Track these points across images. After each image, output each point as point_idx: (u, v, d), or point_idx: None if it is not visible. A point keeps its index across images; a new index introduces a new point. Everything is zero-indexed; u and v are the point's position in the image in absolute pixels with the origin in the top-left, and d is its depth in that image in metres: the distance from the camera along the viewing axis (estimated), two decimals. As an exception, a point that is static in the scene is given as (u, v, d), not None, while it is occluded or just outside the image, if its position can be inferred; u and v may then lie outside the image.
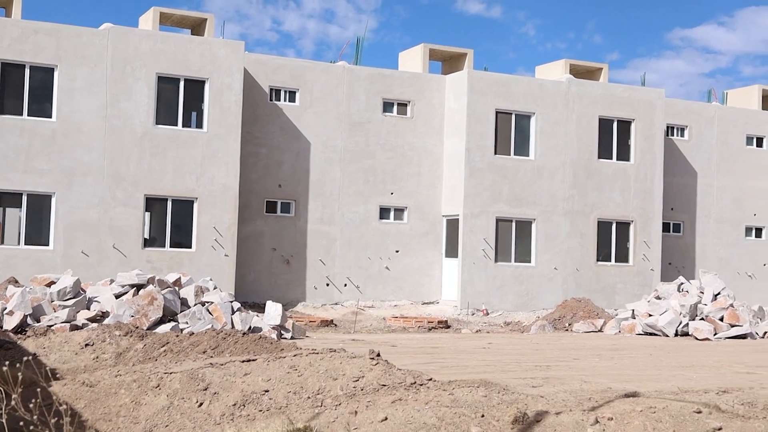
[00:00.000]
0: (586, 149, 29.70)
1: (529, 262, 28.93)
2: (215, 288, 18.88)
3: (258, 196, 26.87)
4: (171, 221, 24.88)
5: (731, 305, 21.48)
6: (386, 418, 9.31)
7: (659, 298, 22.96)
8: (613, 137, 30.24)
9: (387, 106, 28.49)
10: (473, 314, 27.65)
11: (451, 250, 28.56)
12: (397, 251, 28.38)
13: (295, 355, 10.95)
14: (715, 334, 21.12)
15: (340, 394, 10.24)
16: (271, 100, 27.12)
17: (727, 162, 33.50)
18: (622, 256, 30.29)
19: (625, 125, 30.39)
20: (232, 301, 18.31)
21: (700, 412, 9.44)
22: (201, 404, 9.94)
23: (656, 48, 76.91)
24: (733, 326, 21.25)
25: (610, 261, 30.08)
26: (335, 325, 24.88)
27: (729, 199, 33.46)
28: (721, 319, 21.35)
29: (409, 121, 28.73)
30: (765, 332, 21.67)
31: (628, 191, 30.25)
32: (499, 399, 10.30)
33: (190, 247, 24.95)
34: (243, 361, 10.80)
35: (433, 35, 73.66)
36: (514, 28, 75.13)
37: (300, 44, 71.46)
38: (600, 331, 22.95)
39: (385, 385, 10.43)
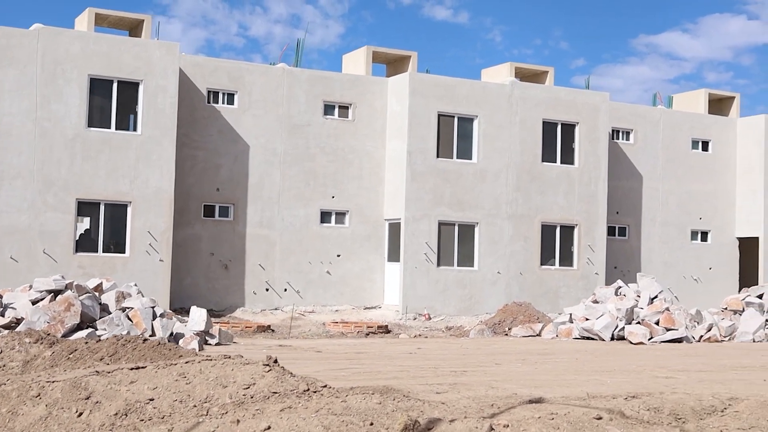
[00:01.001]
0: (529, 152, 29.56)
1: (472, 266, 28.72)
2: (138, 293, 18.45)
3: (195, 200, 26.44)
4: (104, 226, 24.38)
5: (667, 309, 21.36)
6: (269, 427, 8.97)
7: (597, 302, 22.81)
8: (557, 140, 30.14)
9: (328, 109, 28.17)
10: (415, 319, 27.39)
11: (394, 254, 28.29)
12: (338, 255, 28.06)
13: (186, 362, 10.58)
14: (650, 338, 20.98)
15: (228, 402, 9.89)
16: (209, 102, 26.71)
17: (673, 166, 33.52)
18: (567, 260, 30.17)
19: (569, 128, 30.30)
20: (153, 307, 17.88)
21: (600, 418, 9.19)
22: (81, 414, 9.54)
23: (621, 54, 78.81)
24: (668, 330, 21.13)
25: (554, 265, 29.96)
26: (272, 330, 24.53)
27: (674, 203, 33.48)
28: (657, 323, 21.22)
29: (351, 124, 28.43)
30: (701, 336, 21.58)
31: (573, 195, 30.15)
32: (394, 406, 9.99)
33: (123, 252, 24.46)
34: (131, 369, 10.41)
35: (399, 41, 74.23)
36: (480, 34, 76.22)
37: (267, 49, 72.37)
38: (538, 335, 22.76)
39: (276, 393, 10.08)
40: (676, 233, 33.48)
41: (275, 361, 11.00)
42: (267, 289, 27.10)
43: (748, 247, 34.45)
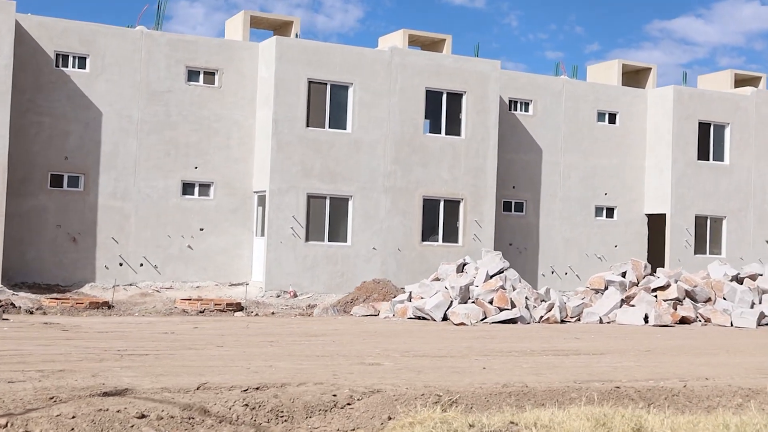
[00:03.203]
0: (411, 122, 28.06)
1: (345, 241, 27.31)
2: None
3: (41, 169, 25.02)
4: (-70, 195, 22.99)
5: (502, 287, 19.93)
6: None
7: (438, 279, 21.37)
8: (442, 110, 28.63)
9: (192, 75, 26.69)
10: (278, 296, 26.02)
11: (262, 229, 26.88)
12: (201, 229, 26.67)
13: None
14: (483, 319, 19.57)
15: None
16: (57, 66, 25.24)
17: (576, 139, 31.99)
18: (451, 236, 28.73)
19: (455, 98, 28.78)
20: None
21: (143, 417, 7.81)
22: None
23: (635, 39, 79.38)
24: (502, 310, 19.72)
25: (438, 241, 28.52)
26: (110, 307, 23.16)
27: (577, 177, 31.97)
28: (492, 302, 19.81)
29: (217, 91, 26.96)
30: (541, 316, 20.14)
31: (458, 168, 28.67)
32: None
33: (-48, 223, 23.10)
34: None
35: (416, 24, 74.51)
36: (497, 19, 77.18)
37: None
38: (377, 315, 21.34)
39: None
40: (578, 209, 31.99)
41: None
42: (121, 264, 25.73)
43: (658, 224, 32.96)
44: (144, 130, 26.01)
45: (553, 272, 31.43)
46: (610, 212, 32.58)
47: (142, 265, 25.96)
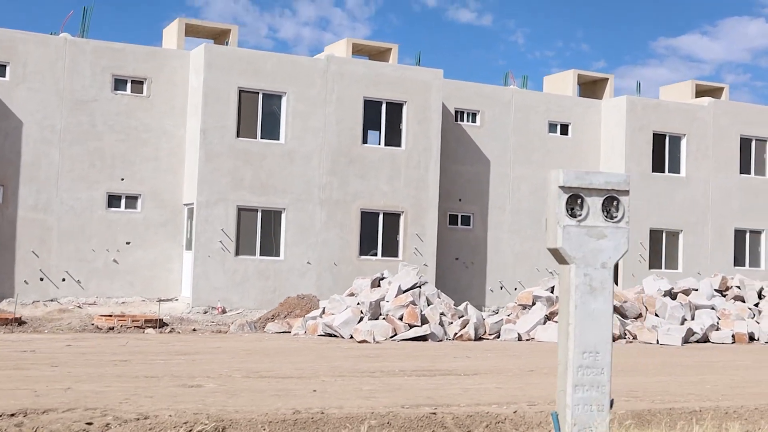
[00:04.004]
0: (348, 133, 27.24)
1: (278, 255, 26.45)
2: None
3: (-43, 181, 24.24)
4: None
5: (412, 303, 19.02)
6: None
7: (353, 295, 20.49)
8: (382, 120, 27.81)
9: (119, 84, 25.93)
10: (206, 312, 25.15)
11: (191, 242, 26.04)
12: (128, 243, 25.83)
13: None
14: (393, 336, 18.67)
15: None
16: (-25, 74, 24.50)
17: (527, 150, 31.12)
18: (391, 250, 27.85)
19: (395, 108, 27.97)
20: None
21: None
22: None
23: (641, 56, 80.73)
24: (412, 326, 18.82)
25: (377, 255, 27.64)
26: (23, 323, 22.30)
27: (528, 189, 31.09)
28: (401, 318, 18.92)
29: (146, 100, 26.18)
30: (455, 333, 19.23)
31: (399, 179, 27.83)
32: None
33: None
34: None
35: (424, 43, 76.23)
36: (503, 36, 78.45)
37: (296, 51, 72.81)
38: (290, 332, 20.44)
39: None
40: (529, 222, 31.09)
41: None
42: (42, 279, 24.90)
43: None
44: (67, 141, 25.23)
45: (502, 287, 30.51)
46: (562, 226, 31.61)
47: (64, 280, 25.12)
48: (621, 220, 7.87)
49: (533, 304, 21.30)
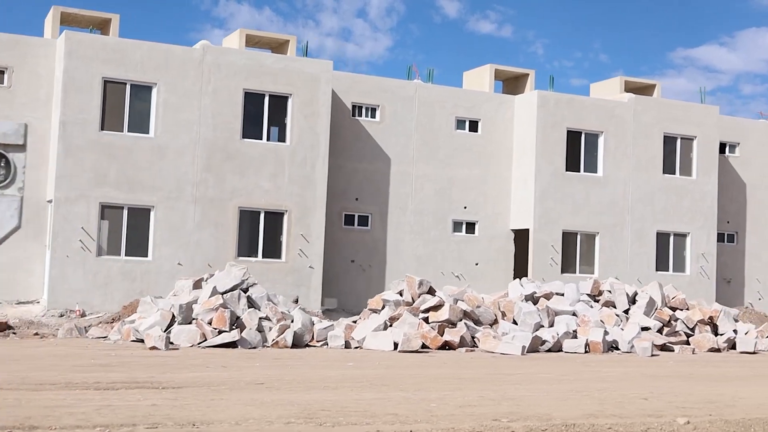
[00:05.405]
0: (226, 127, 25.74)
1: (146, 256, 24.96)
2: None
3: None
4: None
5: (222, 306, 17.46)
6: None
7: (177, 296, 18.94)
8: (264, 114, 26.30)
9: (-23, 73, 24.53)
10: (62, 316, 23.67)
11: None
12: (-15, 242, 24.40)
13: None
14: (201, 342, 17.13)
15: None
16: None
17: (431, 147, 29.53)
18: (273, 252, 26.32)
19: (280, 101, 26.46)
20: None
21: None
22: None
23: (659, 67, 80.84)
24: (221, 332, 17.28)
25: (257, 256, 26.11)
26: None
27: (432, 189, 29.49)
28: (211, 323, 17.38)
29: (7, 91, 24.81)
30: (275, 340, 17.66)
31: (282, 176, 26.30)
32: None
33: None
34: None
35: (444, 53, 77.12)
36: (523, 47, 79.11)
37: None
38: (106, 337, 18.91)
39: None
40: (433, 223, 29.49)
41: None
42: None
43: (527, 240, 30.38)
44: None
45: (402, 292, 28.85)
46: (470, 227, 30.05)
47: None
48: (8, 184, 6.13)
49: (383, 308, 19.73)
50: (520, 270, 30.31)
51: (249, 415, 9.39)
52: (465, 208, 29.89)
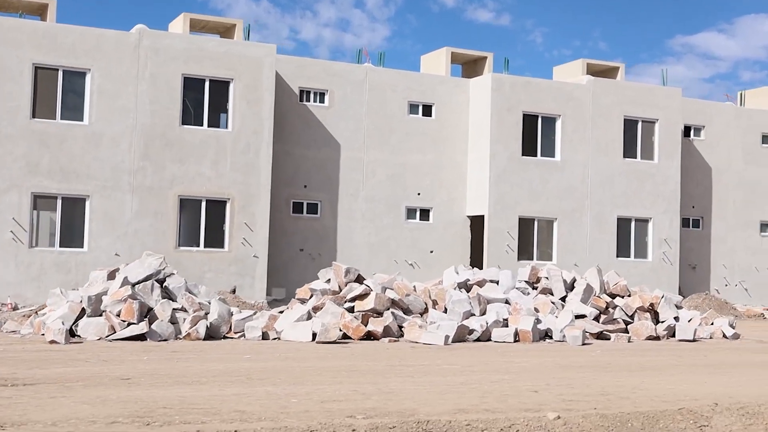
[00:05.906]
0: (164, 113, 25.03)
1: (81, 247, 24.29)
2: None
3: None
4: None
5: (130, 297, 16.79)
6: None
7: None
8: (205, 100, 25.60)
9: None
10: (-8, 309, 23.01)
11: (-14, 233, 23.92)
12: None
13: None
14: (109, 335, 16.47)
15: None
16: None
17: (383, 133, 28.81)
18: (216, 241, 25.64)
19: (221, 86, 25.75)
20: None
21: None
22: None
23: (658, 54, 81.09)
24: (130, 324, 16.63)
25: (198, 246, 25.45)
26: None
27: (384, 175, 28.78)
28: (119, 315, 16.72)
29: (-64, 79, 24.06)
30: (187, 332, 17.00)
31: (224, 164, 25.61)
32: None
33: None
34: None
35: (442, 42, 76.36)
36: (522, 36, 79.22)
37: (316, 52, 74.19)
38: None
39: None
40: (385, 210, 28.80)
41: None
42: None
43: (481, 226, 29.67)
44: None
45: (354, 281, 28.17)
46: (424, 214, 29.36)
47: None
48: None
49: (311, 297, 19.04)
50: (477, 257, 29.64)
51: (75, 414, 8.72)
52: (419, 194, 29.19)
